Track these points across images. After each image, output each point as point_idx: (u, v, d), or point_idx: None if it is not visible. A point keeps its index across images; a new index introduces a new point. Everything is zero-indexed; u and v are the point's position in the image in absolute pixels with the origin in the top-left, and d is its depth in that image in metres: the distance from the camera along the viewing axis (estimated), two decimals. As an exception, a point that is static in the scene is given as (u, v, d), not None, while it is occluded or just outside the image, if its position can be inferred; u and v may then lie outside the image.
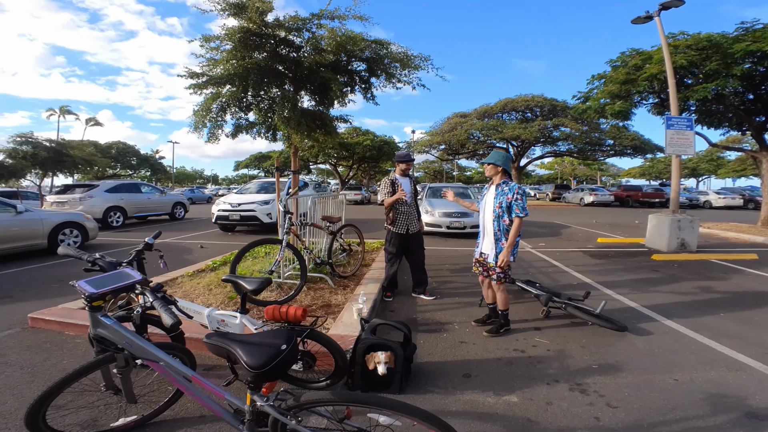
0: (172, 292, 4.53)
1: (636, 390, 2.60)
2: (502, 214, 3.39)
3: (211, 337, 1.53)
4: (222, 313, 2.51)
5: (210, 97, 5.33)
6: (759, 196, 24.57)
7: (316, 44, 5.48)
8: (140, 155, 37.56)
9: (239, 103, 5.70)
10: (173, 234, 10.76)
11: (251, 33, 5.05)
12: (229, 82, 5.16)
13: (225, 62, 5.13)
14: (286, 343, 1.48)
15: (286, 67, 5.57)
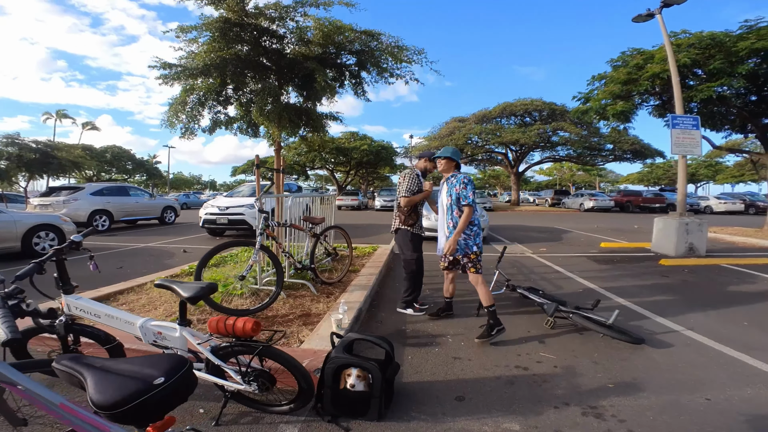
0: (136, 298, 4.11)
1: (661, 413, 2.17)
2: (453, 206, 3.42)
3: (62, 360, 1.17)
4: (159, 325, 2.07)
5: (184, 89, 4.94)
6: (760, 201, 24.34)
7: (301, 35, 5.11)
8: (136, 160, 37.27)
9: (217, 97, 5.31)
10: (159, 238, 10.34)
11: (231, 23, 4.68)
12: (204, 73, 4.77)
13: (203, 54, 4.75)
14: (165, 374, 1.09)
15: (268, 58, 5.19)
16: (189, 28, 4.83)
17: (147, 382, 1.07)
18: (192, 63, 4.80)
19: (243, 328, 1.91)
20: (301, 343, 2.99)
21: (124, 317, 2.08)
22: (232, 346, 1.96)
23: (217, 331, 1.96)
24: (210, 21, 4.66)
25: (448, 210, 3.46)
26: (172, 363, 1.15)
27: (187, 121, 5.01)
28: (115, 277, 5.02)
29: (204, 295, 1.99)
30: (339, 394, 2.07)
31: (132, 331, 2.06)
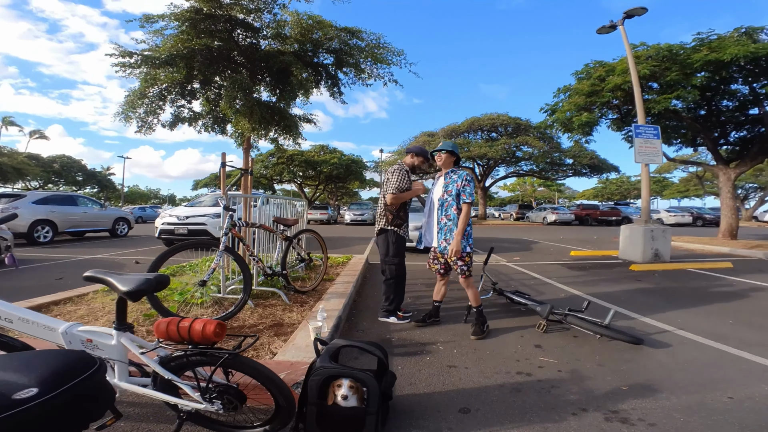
0: (74, 308, 3.54)
1: (691, 414, 1.97)
2: (452, 201, 3.24)
3: None
4: (88, 330, 1.62)
5: (144, 79, 4.44)
6: (706, 214, 26.25)
7: (278, 29, 4.77)
8: (87, 171, 34.87)
9: (182, 90, 4.84)
10: (108, 250, 9.39)
11: (203, 14, 4.28)
12: (169, 63, 4.31)
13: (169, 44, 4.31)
14: (40, 384, 0.68)
15: (241, 52, 4.81)
16: (155, 17, 4.37)
17: (4, 395, 0.65)
18: (156, 52, 4.35)
19: (203, 331, 1.51)
20: (274, 354, 2.58)
21: (44, 322, 1.61)
22: (187, 356, 1.55)
23: (168, 336, 1.54)
24: (180, 11, 4.24)
25: (441, 206, 3.30)
26: (57, 365, 0.73)
27: (144, 114, 4.50)
28: (51, 288, 4.35)
29: (148, 290, 1.56)
30: (326, 412, 1.69)
31: (53, 338, 1.60)
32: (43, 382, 0.66)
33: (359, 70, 5.29)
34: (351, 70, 5.36)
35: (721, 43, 8.47)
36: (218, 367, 1.55)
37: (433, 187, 3.52)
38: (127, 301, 1.63)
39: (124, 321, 1.60)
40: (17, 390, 0.64)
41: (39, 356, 0.75)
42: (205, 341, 1.52)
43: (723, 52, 8.03)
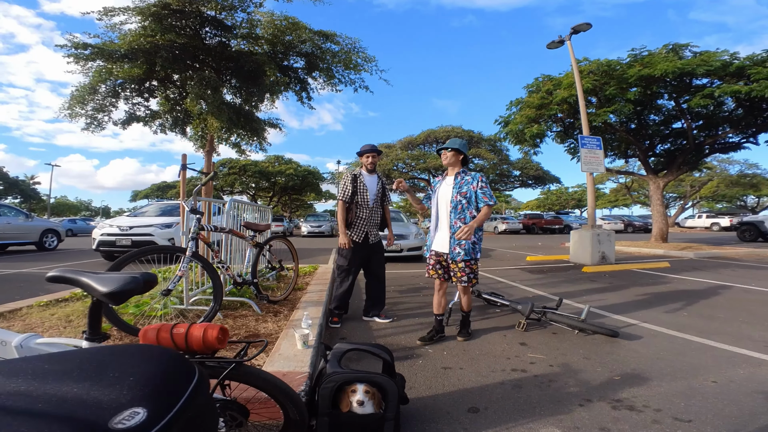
0: (7, 325, 3.03)
1: (688, 398, 2.07)
2: (467, 205, 3.05)
3: None
4: (50, 342, 1.35)
5: (97, 73, 4.00)
6: (635, 221, 28.99)
7: (250, 29, 4.55)
8: (8, 179, 31.12)
9: (139, 88, 4.43)
10: (36, 264, 8.31)
11: (171, 9, 3.95)
12: (128, 57, 3.93)
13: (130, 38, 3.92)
14: (148, 404, 0.43)
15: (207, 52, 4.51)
16: (117, 10, 3.97)
17: (90, 425, 0.40)
18: (114, 45, 3.94)
19: (204, 338, 1.29)
20: (260, 366, 2.35)
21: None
22: None
23: (159, 344, 1.32)
24: (146, 5, 3.90)
25: (454, 208, 3.04)
26: (156, 370, 0.49)
27: (93, 111, 4.05)
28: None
29: (137, 290, 1.28)
30: (340, 421, 1.55)
31: (3, 353, 1.31)
32: (149, 399, 0.43)
33: (330, 75, 5.19)
34: (321, 74, 5.25)
35: (652, 59, 9.43)
36: (222, 379, 1.34)
37: (437, 188, 3.25)
38: (102, 306, 1.36)
39: (98, 330, 1.33)
40: (115, 412, 0.40)
41: (123, 356, 0.50)
42: (205, 350, 1.31)
43: (654, 68, 8.95)
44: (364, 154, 3.77)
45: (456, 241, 3.00)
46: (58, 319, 3.14)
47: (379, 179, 3.91)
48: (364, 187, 3.72)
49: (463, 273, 3.02)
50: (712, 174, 32.66)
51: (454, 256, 3.01)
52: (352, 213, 3.71)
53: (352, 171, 3.81)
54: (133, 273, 1.35)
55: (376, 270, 3.86)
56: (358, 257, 3.74)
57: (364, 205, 3.70)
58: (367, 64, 5.23)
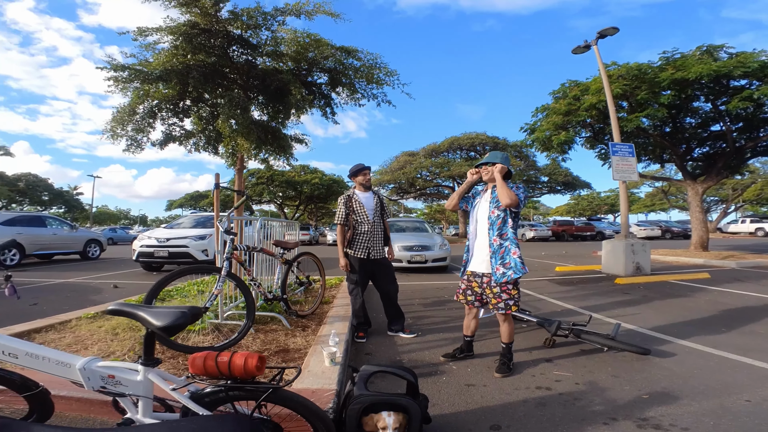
0: (58, 337, 3.31)
1: (719, 417, 2.03)
2: (505, 218, 2.79)
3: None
4: (110, 366, 1.51)
5: (135, 95, 4.33)
6: (673, 227, 27.54)
7: (275, 47, 4.78)
8: (53, 190, 33.38)
9: (174, 108, 4.74)
10: (81, 273, 8.90)
11: (199, 28, 4.23)
12: (163, 79, 4.23)
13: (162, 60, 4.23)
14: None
15: (236, 71, 4.78)
16: (150, 30, 4.30)
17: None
18: (149, 66, 4.26)
19: (245, 366, 1.43)
20: (289, 386, 2.46)
21: (57, 357, 1.48)
22: (225, 390, 1.46)
23: (205, 371, 1.45)
24: (176, 25, 4.20)
25: (492, 225, 2.82)
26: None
27: (134, 132, 4.37)
28: (27, 315, 4.05)
29: (186, 323, 1.47)
30: (366, 441, 1.63)
31: (68, 374, 1.47)
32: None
33: (353, 90, 5.35)
34: (344, 90, 5.42)
35: (685, 61, 9.07)
36: (261, 402, 1.46)
37: (476, 204, 3.03)
38: (155, 335, 1.53)
39: (152, 356, 1.50)
40: None
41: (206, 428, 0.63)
42: (245, 376, 1.44)
43: (688, 71, 8.61)
44: (360, 173, 3.87)
45: (497, 260, 2.75)
46: (105, 332, 3.38)
47: (375, 194, 4.00)
48: (360, 205, 3.82)
49: (499, 299, 2.75)
50: (755, 176, 30.70)
51: (498, 279, 2.74)
52: (353, 231, 3.80)
53: (347, 192, 3.93)
54: (182, 308, 1.50)
55: (385, 286, 3.90)
56: (363, 273, 3.82)
57: (363, 221, 3.78)
58: (388, 78, 5.36)
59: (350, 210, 3.80)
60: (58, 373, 1.53)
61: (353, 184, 4.02)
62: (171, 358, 2.87)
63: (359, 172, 3.88)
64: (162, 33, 4.13)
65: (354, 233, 3.79)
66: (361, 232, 3.78)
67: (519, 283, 2.87)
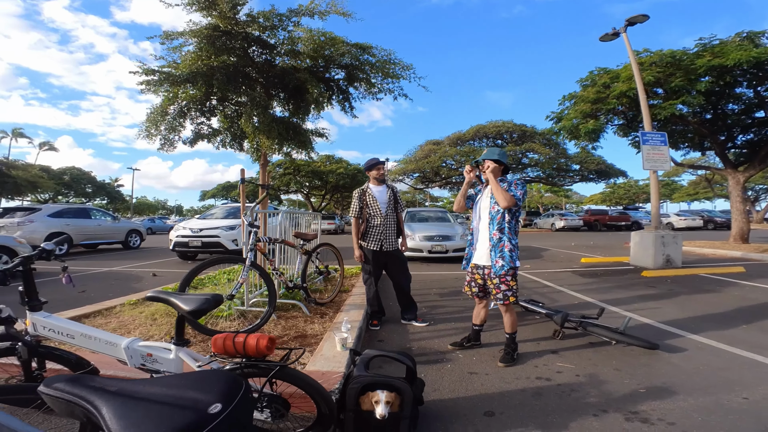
0: (104, 322, 3.69)
1: (709, 414, 2.07)
2: (503, 216, 2.90)
3: (54, 383, 0.81)
4: (149, 345, 1.77)
5: (167, 98, 4.66)
6: (716, 217, 25.93)
7: (292, 46, 4.98)
8: (96, 182, 35.55)
9: (201, 108, 5.05)
10: (124, 262, 9.62)
11: (220, 31, 4.49)
12: (190, 81, 4.53)
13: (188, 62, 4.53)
14: (221, 399, 0.79)
15: (257, 70, 5.02)
16: (175, 34, 4.61)
17: (198, 410, 0.76)
18: (177, 70, 4.57)
19: (256, 346, 1.64)
20: (304, 365, 2.70)
21: (106, 337, 1.77)
22: (241, 368, 1.68)
23: (224, 350, 1.68)
24: (198, 28, 4.47)
25: (492, 219, 2.94)
26: (225, 382, 0.85)
27: (166, 132, 4.71)
28: (77, 302, 4.52)
29: (209, 309, 1.70)
30: (363, 417, 1.82)
31: (115, 353, 1.75)
32: (222, 399, 0.78)
33: (370, 85, 5.47)
34: (361, 84, 5.55)
35: (724, 48, 8.56)
36: (270, 378, 1.68)
37: (479, 199, 3.14)
38: (185, 319, 1.77)
39: (182, 337, 1.75)
40: (206, 406, 0.76)
41: (201, 377, 0.89)
42: (257, 355, 1.65)
43: (726, 57, 8.12)
44: (374, 168, 4.02)
45: (497, 254, 2.89)
46: (146, 317, 3.76)
47: (389, 188, 4.12)
48: (373, 199, 3.96)
49: (498, 290, 2.88)
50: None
51: (497, 271, 2.87)
52: (366, 224, 3.97)
53: (361, 187, 4.09)
54: (206, 295, 1.74)
55: (397, 277, 4.06)
56: (376, 264, 4.00)
57: (376, 214, 3.94)
58: (405, 72, 5.44)
59: (364, 204, 3.97)
60: (107, 351, 1.81)
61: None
62: (201, 341, 3.18)
63: (373, 167, 4.03)
64: (186, 36, 4.39)
65: (368, 226, 3.96)
66: (374, 225, 3.94)
67: (517, 275, 2.96)
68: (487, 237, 2.96)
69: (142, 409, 0.74)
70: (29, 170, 20.38)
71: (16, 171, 18.58)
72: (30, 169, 21.37)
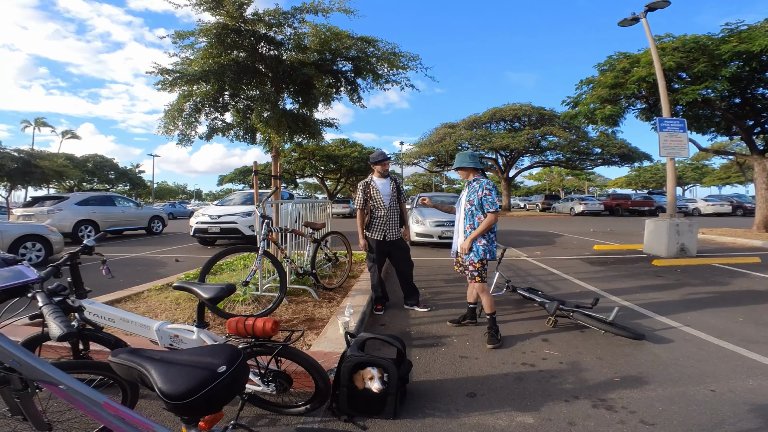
0: (134, 306, 4.05)
1: (671, 404, 2.22)
2: (475, 211, 3.32)
3: (119, 354, 1.16)
4: (175, 328, 2.07)
5: (182, 96, 4.94)
6: (747, 203, 24.85)
7: (298, 41, 5.16)
8: (118, 169, 36.81)
9: (214, 103, 5.32)
10: (148, 248, 10.20)
11: (228, 29, 4.71)
12: (203, 79, 4.79)
13: (200, 60, 4.77)
14: (226, 363, 1.12)
15: (266, 65, 5.22)
16: (186, 34, 4.84)
17: (211, 370, 1.09)
18: (189, 69, 4.81)
19: (263, 328, 1.90)
20: (309, 346, 2.99)
21: (140, 321, 2.08)
22: (251, 347, 1.96)
23: (237, 331, 1.95)
24: (207, 27, 4.68)
25: (467, 214, 3.37)
26: (229, 352, 1.18)
27: (183, 127, 5.00)
28: (108, 287, 4.93)
29: (224, 296, 1.98)
30: (355, 393, 2.08)
31: (147, 334, 2.06)
32: (226, 362, 1.14)
33: (377, 76, 5.60)
34: (369, 75, 5.69)
35: (751, 33, 8.20)
36: (274, 356, 1.95)
37: (461, 196, 3.63)
38: (205, 305, 2.05)
39: (203, 320, 2.04)
40: (216, 367, 1.11)
41: (214, 348, 1.26)
42: (264, 335, 1.92)
43: (752, 43, 7.80)
44: (380, 163, 4.17)
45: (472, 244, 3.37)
46: (171, 302, 4.12)
47: (392, 180, 4.28)
48: (377, 191, 4.14)
49: (468, 270, 3.37)
50: None
51: (465, 259, 3.38)
52: (370, 215, 4.18)
53: (365, 179, 4.27)
54: (222, 285, 2.00)
55: (400, 266, 4.27)
56: (380, 253, 4.22)
57: (380, 206, 4.13)
58: (411, 63, 5.55)
59: (368, 196, 4.16)
60: (142, 333, 2.13)
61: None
62: (220, 324, 3.51)
63: (379, 163, 4.20)
64: (196, 35, 4.62)
65: (371, 217, 4.17)
66: (377, 216, 4.15)
67: (485, 262, 3.35)
68: (462, 229, 3.42)
69: (176, 369, 1.08)
70: (55, 160, 21.26)
71: (43, 161, 19.45)
72: (56, 158, 22.24)
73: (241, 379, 1.17)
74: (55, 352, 2.31)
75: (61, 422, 1.86)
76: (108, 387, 1.83)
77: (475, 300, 3.69)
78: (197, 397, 1.02)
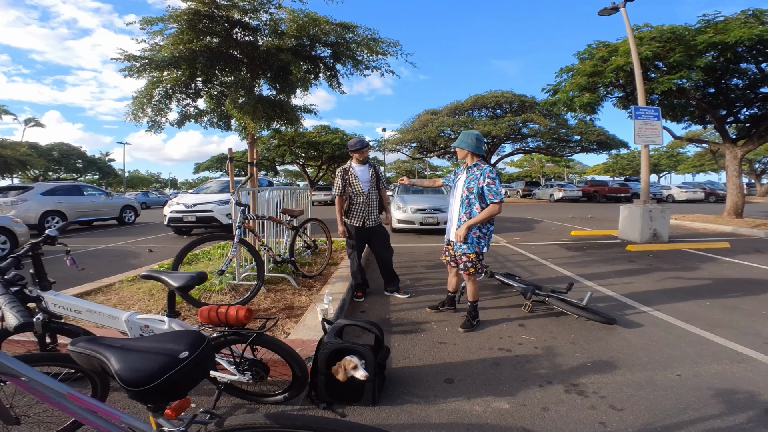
0: (105, 298, 3.92)
1: (639, 389, 2.29)
2: (474, 200, 3.14)
3: (78, 342, 1.11)
4: (146, 318, 2.00)
5: (151, 82, 4.70)
6: (719, 190, 25.78)
7: (275, 27, 4.96)
8: (87, 158, 35.35)
9: (186, 90, 5.09)
10: (120, 239, 9.85)
11: (201, 15, 4.46)
12: (173, 65, 4.56)
13: (170, 46, 4.52)
14: (188, 349, 1.08)
15: (241, 51, 5.01)
16: (155, 20, 4.58)
17: (173, 356, 1.05)
18: (158, 55, 4.57)
19: (236, 316, 1.85)
20: (287, 334, 2.95)
21: (108, 312, 2.00)
22: (225, 336, 1.91)
23: (209, 320, 1.89)
24: (178, 13, 4.43)
25: (463, 202, 3.17)
26: (192, 338, 1.14)
27: (153, 114, 4.78)
28: (77, 279, 4.74)
29: (194, 284, 1.91)
30: (333, 380, 2.07)
31: (116, 326, 1.98)
32: (189, 348, 1.09)
33: (356, 62, 5.47)
34: (348, 61, 5.54)
35: (727, 24, 8.41)
36: (248, 344, 1.91)
37: (456, 180, 3.38)
38: (175, 293, 1.97)
39: (174, 309, 1.97)
40: (178, 353, 1.07)
41: (177, 334, 1.21)
42: (237, 323, 1.87)
43: (728, 35, 8.00)
44: (358, 151, 4.10)
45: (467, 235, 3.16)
46: (143, 293, 3.99)
47: (371, 167, 4.22)
48: (355, 178, 4.09)
49: (461, 261, 3.23)
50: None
51: (456, 249, 3.24)
52: (350, 201, 4.12)
53: (344, 166, 4.20)
54: (192, 273, 1.93)
55: (379, 251, 4.24)
56: (359, 239, 4.19)
57: (359, 193, 4.08)
58: (391, 49, 5.43)
59: (346, 182, 4.10)
60: (110, 324, 2.04)
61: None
62: (195, 314, 3.42)
63: (358, 150, 4.12)
64: (166, 21, 4.38)
65: (350, 203, 4.12)
66: (356, 203, 4.10)
67: (481, 255, 3.24)
68: (457, 218, 3.24)
69: (136, 356, 1.06)
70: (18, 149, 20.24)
71: (5, 150, 18.48)
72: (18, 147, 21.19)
73: (205, 364, 1.14)
74: (23, 347, 2.21)
75: (29, 416, 1.81)
76: (78, 380, 1.80)
77: (454, 290, 3.66)
78: (158, 383, 1.00)
